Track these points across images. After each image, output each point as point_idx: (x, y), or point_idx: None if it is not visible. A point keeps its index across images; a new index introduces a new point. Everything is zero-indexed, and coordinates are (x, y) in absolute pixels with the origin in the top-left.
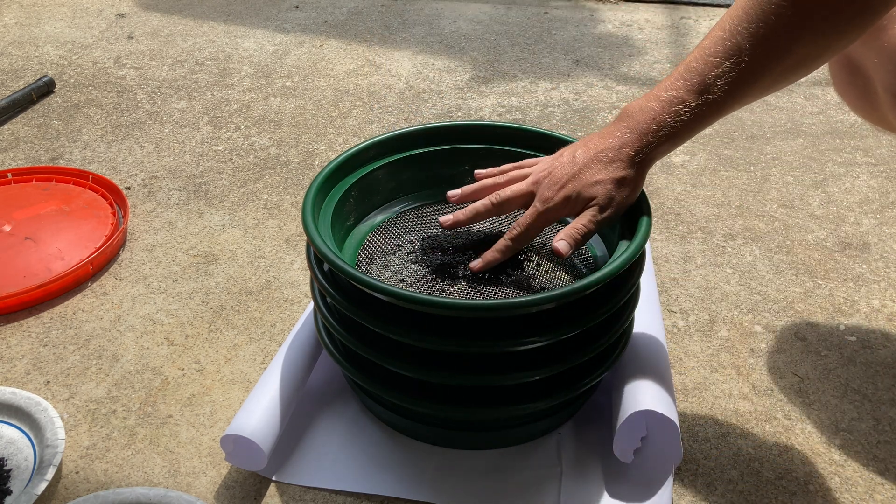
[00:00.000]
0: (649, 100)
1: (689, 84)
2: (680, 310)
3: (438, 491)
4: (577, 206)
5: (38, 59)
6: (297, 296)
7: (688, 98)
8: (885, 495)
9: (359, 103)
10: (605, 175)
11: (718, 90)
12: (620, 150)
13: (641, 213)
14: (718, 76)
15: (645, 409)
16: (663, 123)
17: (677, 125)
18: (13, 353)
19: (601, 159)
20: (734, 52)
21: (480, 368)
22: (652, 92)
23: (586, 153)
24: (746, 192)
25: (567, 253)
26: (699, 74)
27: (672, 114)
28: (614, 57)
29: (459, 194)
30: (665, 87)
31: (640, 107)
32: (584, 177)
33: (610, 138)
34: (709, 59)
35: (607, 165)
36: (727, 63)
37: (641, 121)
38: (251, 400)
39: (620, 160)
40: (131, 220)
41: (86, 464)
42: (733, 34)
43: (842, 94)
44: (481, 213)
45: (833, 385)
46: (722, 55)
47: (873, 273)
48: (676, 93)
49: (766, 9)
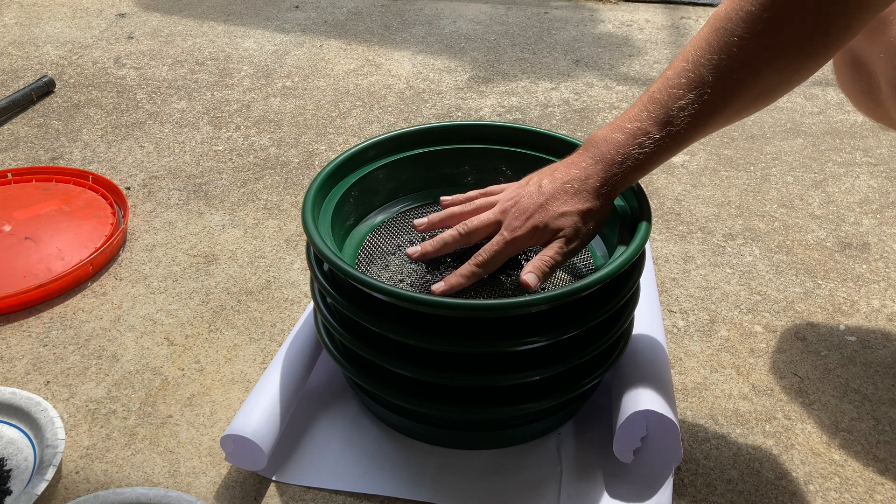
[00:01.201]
0: (614, 130)
1: (652, 116)
2: (680, 310)
3: (438, 491)
4: (545, 236)
5: (38, 59)
6: (297, 296)
7: (651, 130)
8: (885, 495)
9: (359, 103)
10: (572, 207)
11: (682, 122)
12: (586, 182)
13: (641, 213)
14: (682, 108)
15: (645, 409)
16: (627, 155)
17: (641, 157)
18: (13, 353)
19: (567, 190)
20: (697, 84)
21: (480, 368)
22: (616, 122)
23: (552, 183)
24: (746, 192)
25: (535, 286)
26: (662, 106)
27: (636, 146)
28: (614, 57)
29: (426, 223)
30: (629, 118)
31: (605, 137)
32: (551, 208)
33: (576, 168)
34: (672, 91)
35: (573, 196)
36: (690, 95)
37: (606, 152)
38: (251, 400)
39: (586, 191)
40: (131, 220)
41: (86, 464)
42: (696, 66)
43: (845, 90)
44: (449, 243)
45: (833, 385)
46: (685, 87)
47: (873, 273)
48: (640, 124)
49: (729, 41)
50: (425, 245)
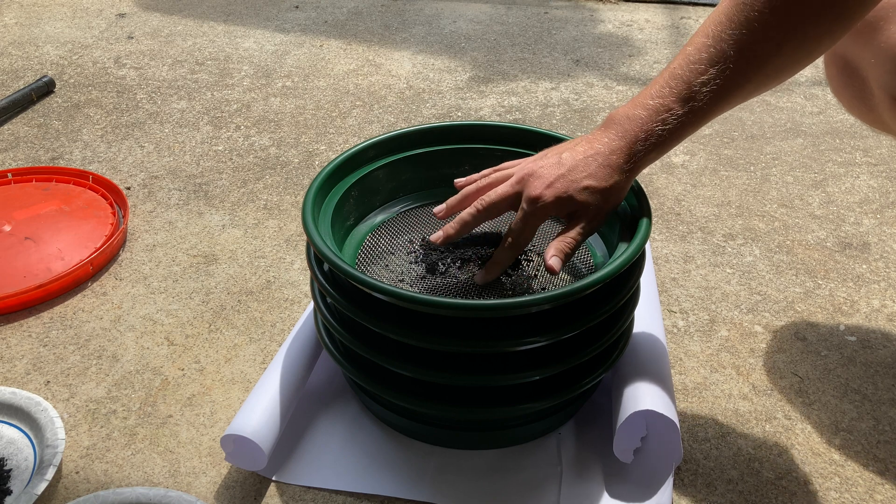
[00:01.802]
0: (635, 107)
1: (674, 91)
2: (680, 310)
3: (438, 491)
4: (568, 208)
5: (38, 59)
6: (297, 296)
7: (674, 106)
8: (885, 495)
9: (359, 103)
10: (596, 182)
11: (704, 97)
12: (609, 157)
13: (641, 213)
14: (704, 83)
15: (645, 409)
16: (651, 132)
17: (665, 133)
18: (13, 353)
19: (591, 164)
20: (719, 59)
21: (480, 368)
22: (637, 99)
23: (573, 156)
24: (746, 192)
25: (560, 269)
26: (684, 82)
27: (659, 122)
28: (614, 57)
29: (445, 209)
30: (650, 95)
31: (627, 114)
32: (575, 178)
33: (598, 143)
34: (693, 67)
35: (598, 170)
36: (712, 70)
37: (629, 129)
38: (251, 400)
39: (610, 167)
40: (131, 220)
41: (86, 464)
42: (717, 41)
43: (838, 95)
44: (469, 222)
45: (833, 385)
46: (707, 62)
47: (873, 273)
48: (662, 101)
49: (750, 15)
50: (446, 228)
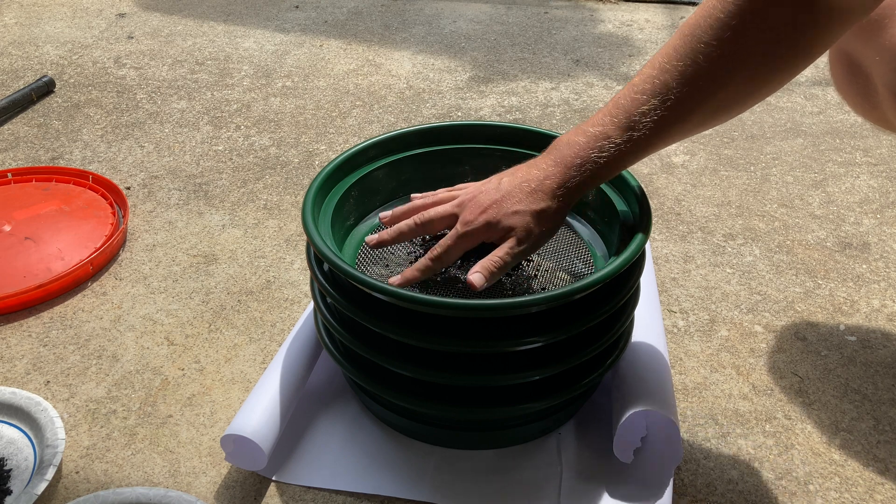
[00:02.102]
0: (577, 134)
1: (615, 120)
2: (680, 310)
3: (438, 491)
4: (497, 232)
5: (38, 59)
6: (297, 296)
7: (613, 134)
8: (885, 495)
9: (359, 103)
10: (525, 206)
11: (644, 128)
12: (543, 183)
13: (641, 213)
14: (644, 113)
15: (645, 409)
16: (587, 158)
17: (601, 160)
18: (13, 353)
19: (524, 189)
20: (661, 91)
21: (480, 368)
22: (581, 125)
23: (511, 182)
24: (746, 192)
25: (481, 286)
26: (625, 111)
27: (596, 149)
28: (614, 57)
29: (390, 215)
30: (593, 123)
31: (568, 140)
32: (506, 205)
33: (535, 169)
34: (636, 97)
35: (528, 196)
36: (654, 101)
37: (567, 154)
38: (251, 400)
39: (542, 192)
40: (131, 220)
41: (86, 464)
42: (662, 72)
43: (842, 92)
44: (405, 232)
45: (833, 385)
46: (649, 93)
47: (873, 273)
48: (602, 128)
49: (696, 47)
50: (382, 233)
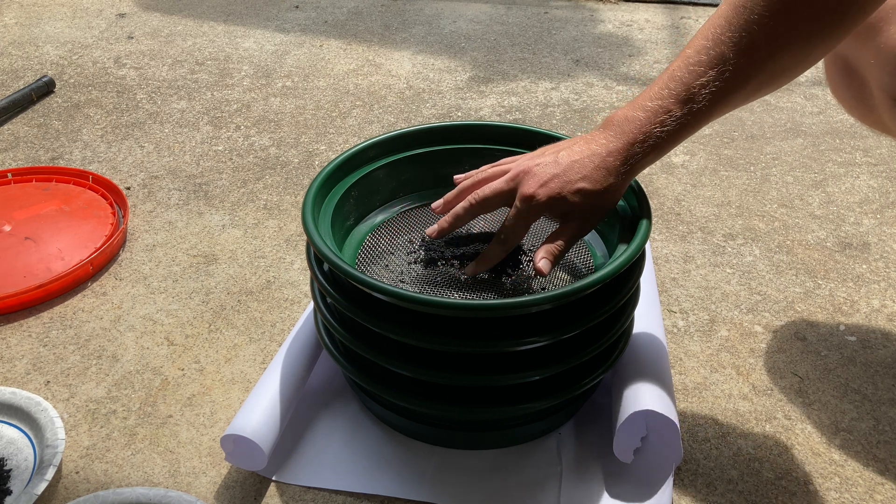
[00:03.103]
0: (634, 109)
1: (673, 93)
2: (680, 310)
3: (438, 491)
4: (560, 208)
5: (38, 59)
6: (297, 296)
7: (673, 108)
8: (885, 495)
9: (359, 103)
10: (589, 185)
11: (703, 99)
12: (606, 159)
13: (641, 213)
14: (703, 85)
15: (645, 409)
16: (649, 133)
17: (663, 135)
18: (13, 353)
19: (587, 165)
20: (718, 62)
21: (480, 368)
22: (636, 101)
23: (570, 156)
24: (746, 192)
25: (549, 272)
26: (683, 84)
27: (658, 124)
28: (614, 57)
29: (442, 203)
30: (650, 97)
31: (626, 116)
32: (569, 178)
33: (595, 144)
34: (693, 69)
35: (593, 172)
36: (711, 72)
37: (628, 130)
38: (251, 400)
39: (606, 169)
40: (131, 220)
41: (86, 464)
42: (717, 43)
43: (837, 96)
44: (462, 216)
45: (833, 385)
46: (706, 64)
47: (873, 273)
48: (661, 102)
49: (749, 18)
50: (441, 222)
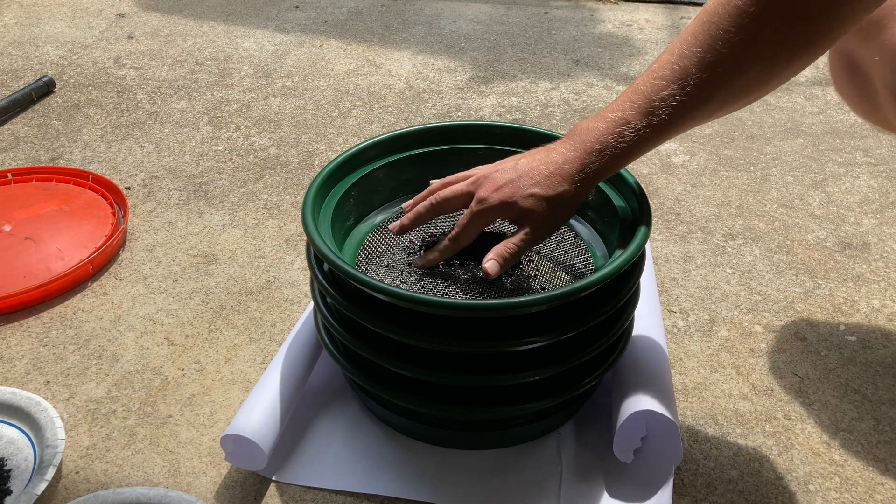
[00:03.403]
0: (596, 120)
1: (634, 106)
2: (680, 310)
3: (438, 491)
4: (512, 212)
5: (38, 59)
6: (297, 296)
7: (632, 119)
8: (885, 495)
9: (359, 103)
10: (542, 190)
11: (663, 113)
12: (562, 166)
13: (641, 213)
14: (663, 99)
15: (645, 409)
16: (606, 143)
17: (620, 146)
18: (13, 353)
19: (542, 171)
20: (680, 76)
21: (480, 368)
22: (601, 112)
23: (528, 163)
24: (746, 192)
25: (496, 273)
26: (645, 97)
27: (616, 134)
28: (614, 57)
29: (411, 203)
30: (612, 108)
31: (587, 126)
32: (522, 184)
33: (554, 153)
34: (655, 83)
35: (546, 179)
36: (673, 87)
37: (586, 140)
38: (251, 400)
39: (560, 175)
40: (131, 220)
41: (86, 464)
42: (681, 58)
43: (842, 93)
44: (423, 214)
45: (833, 385)
46: (668, 78)
47: (873, 273)
48: (622, 114)
49: (715, 34)
50: (402, 219)
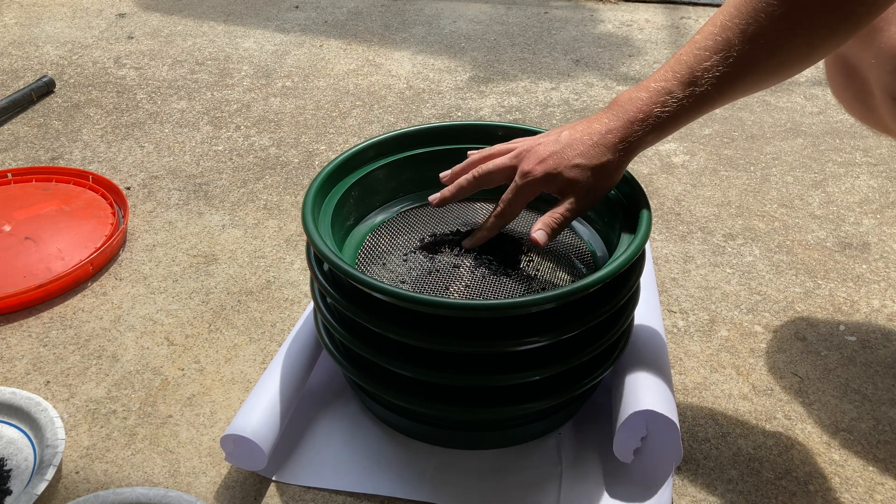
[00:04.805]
0: (638, 90)
1: (677, 76)
2: (680, 310)
3: (438, 491)
4: (556, 184)
5: (38, 59)
6: (297, 296)
7: (675, 90)
8: (885, 495)
9: (359, 103)
10: (586, 160)
11: (706, 83)
12: (605, 136)
13: (641, 213)
14: (706, 69)
15: (645, 409)
16: (649, 113)
17: (663, 115)
18: (13, 353)
19: (585, 142)
20: (723, 47)
21: (480, 368)
22: (642, 83)
23: (571, 135)
24: (746, 192)
25: (545, 243)
26: (688, 67)
27: (659, 104)
28: (614, 57)
29: (449, 174)
30: (654, 79)
31: (629, 96)
32: (566, 156)
33: (597, 123)
34: (698, 53)
35: (590, 149)
36: (716, 57)
37: (629, 109)
38: (251, 400)
39: (604, 145)
40: (131, 220)
41: (86, 464)
42: (724, 30)
43: (838, 96)
44: (465, 187)
45: (833, 385)
46: (711, 49)
47: (873, 273)
48: (665, 84)
49: (758, 6)
50: (444, 191)
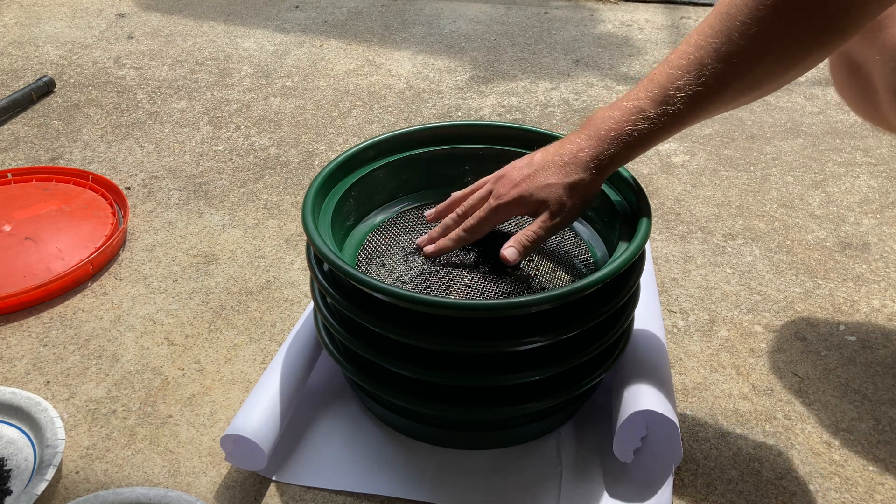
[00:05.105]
0: (612, 109)
1: (650, 95)
2: (680, 310)
3: (438, 491)
4: (530, 206)
5: (38, 59)
6: (297, 296)
7: (647, 108)
8: (885, 495)
9: (359, 103)
10: (558, 179)
11: (678, 102)
12: (576, 155)
13: (641, 213)
14: (679, 88)
15: (645, 409)
16: (621, 132)
17: (635, 134)
18: (13, 353)
19: (556, 163)
20: (696, 66)
21: (480, 368)
22: (616, 101)
23: (544, 157)
24: (746, 192)
25: (515, 260)
26: (660, 86)
27: (630, 123)
28: (614, 57)
29: (434, 213)
30: (628, 98)
31: (602, 115)
32: (538, 178)
33: (569, 143)
34: (671, 72)
35: (561, 169)
36: (688, 76)
37: (601, 128)
38: (251, 400)
39: (575, 164)
40: (131, 220)
41: (86, 464)
42: (697, 49)
43: (842, 93)
44: (451, 226)
45: (833, 385)
46: (684, 68)
47: (873, 273)
48: (637, 102)
49: (732, 25)
50: (431, 233)
